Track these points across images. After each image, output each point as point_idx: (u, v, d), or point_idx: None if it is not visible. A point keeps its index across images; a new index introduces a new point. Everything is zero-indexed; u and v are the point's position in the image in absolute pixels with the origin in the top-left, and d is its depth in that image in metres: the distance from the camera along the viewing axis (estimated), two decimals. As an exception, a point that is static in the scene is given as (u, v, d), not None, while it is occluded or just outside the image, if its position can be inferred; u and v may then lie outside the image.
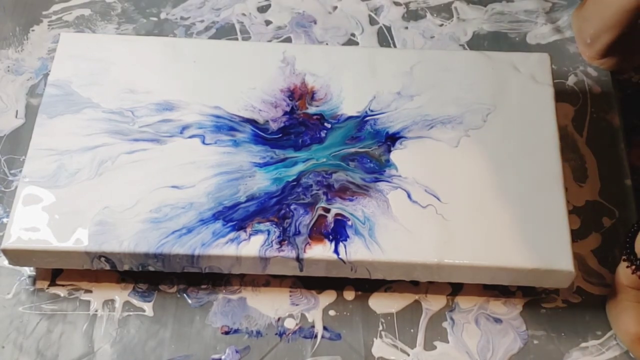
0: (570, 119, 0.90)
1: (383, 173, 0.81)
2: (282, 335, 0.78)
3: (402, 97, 0.86)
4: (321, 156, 0.82)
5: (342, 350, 0.77)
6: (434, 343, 0.78)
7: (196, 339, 0.77)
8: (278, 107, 0.85)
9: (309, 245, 0.76)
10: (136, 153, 0.81)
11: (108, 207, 0.77)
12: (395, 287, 0.80)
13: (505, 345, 0.78)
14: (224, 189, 0.79)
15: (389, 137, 0.83)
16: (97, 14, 1.00)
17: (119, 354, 0.76)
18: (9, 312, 0.78)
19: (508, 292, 0.81)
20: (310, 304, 0.79)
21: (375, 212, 0.78)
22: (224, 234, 0.76)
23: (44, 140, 0.81)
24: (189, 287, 0.80)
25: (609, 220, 0.85)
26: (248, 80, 0.87)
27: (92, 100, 0.84)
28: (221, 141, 0.82)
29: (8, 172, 0.87)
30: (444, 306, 0.80)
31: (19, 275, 0.81)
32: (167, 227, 0.76)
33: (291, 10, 1.01)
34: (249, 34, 0.99)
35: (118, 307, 0.79)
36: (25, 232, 0.76)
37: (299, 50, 0.90)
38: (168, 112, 0.84)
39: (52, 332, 0.77)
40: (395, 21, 1.01)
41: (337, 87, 0.87)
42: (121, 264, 0.77)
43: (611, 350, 0.78)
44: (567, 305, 0.81)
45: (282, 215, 0.78)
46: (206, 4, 1.01)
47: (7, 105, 0.91)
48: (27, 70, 0.94)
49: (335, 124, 0.84)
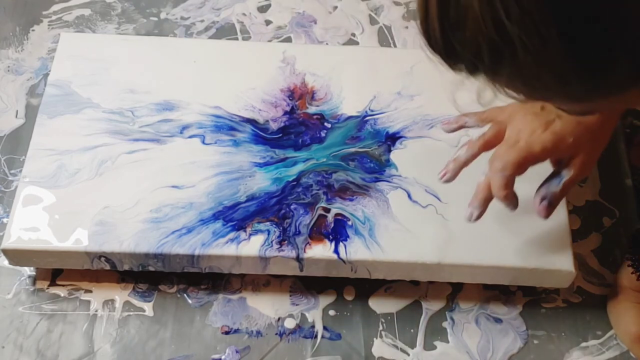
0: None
1: (383, 173, 0.81)
2: (282, 335, 0.78)
3: (402, 97, 0.86)
4: (321, 156, 0.82)
5: (342, 350, 0.77)
6: (434, 343, 0.78)
7: (196, 339, 0.77)
8: (278, 107, 0.85)
9: (309, 245, 0.76)
10: (136, 153, 0.81)
11: (108, 207, 0.77)
12: (395, 287, 0.80)
13: (505, 345, 0.78)
14: (224, 188, 0.79)
15: (389, 137, 0.83)
16: (97, 14, 1.00)
17: (119, 354, 0.76)
18: (9, 312, 0.78)
19: (508, 292, 0.81)
20: (310, 304, 0.79)
21: (375, 212, 0.78)
22: (224, 233, 0.76)
23: (44, 140, 0.81)
24: (189, 287, 0.80)
25: (609, 220, 0.85)
26: (248, 80, 0.87)
27: (92, 100, 0.84)
28: (221, 141, 0.82)
29: (8, 172, 0.87)
30: (444, 306, 0.80)
31: (19, 275, 0.81)
32: (167, 227, 0.76)
33: (291, 10, 1.01)
34: (249, 34, 0.99)
35: (118, 307, 0.79)
36: (25, 232, 0.76)
37: (299, 50, 0.90)
38: (168, 112, 0.84)
39: (52, 332, 0.77)
40: (395, 21, 1.01)
41: (337, 87, 0.87)
42: (121, 264, 0.77)
43: (611, 350, 0.78)
44: (567, 305, 0.81)
45: (282, 215, 0.77)
46: (206, 4, 1.01)
47: (7, 105, 0.91)
48: (27, 70, 0.94)
49: (335, 124, 0.84)
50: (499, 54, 0.44)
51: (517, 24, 0.42)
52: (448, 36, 0.46)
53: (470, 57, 0.46)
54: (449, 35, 0.46)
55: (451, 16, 0.45)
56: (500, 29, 0.43)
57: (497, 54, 0.44)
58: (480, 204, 0.71)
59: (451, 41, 0.46)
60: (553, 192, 0.69)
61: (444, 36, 0.47)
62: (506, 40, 0.43)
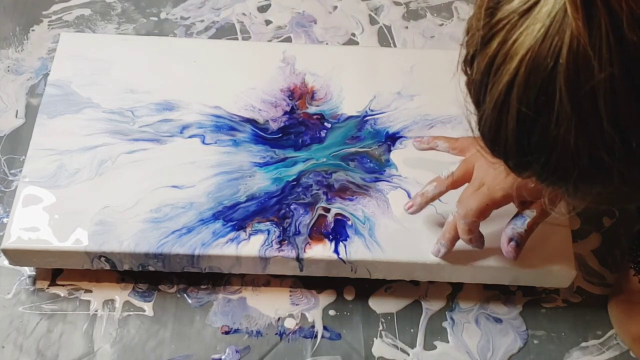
0: None
1: (383, 173, 0.81)
2: (282, 335, 0.78)
3: (402, 96, 0.86)
4: (321, 156, 0.82)
5: (342, 350, 0.77)
6: (434, 343, 0.78)
7: (196, 339, 0.77)
8: (278, 106, 0.85)
9: (309, 245, 0.76)
10: (136, 153, 0.81)
11: (108, 207, 0.77)
12: (395, 287, 0.80)
13: (505, 345, 0.78)
14: (224, 188, 0.79)
15: (389, 137, 0.83)
16: (97, 14, 1.00)
17: (119, 354, 0.76)
18: (9, 312, 0.78)
19: (508, 292, 0.81)
20: (310, 304, 0.79)
21: (375, 212, 0.78)
22: (224, 233, 0.76)
23: (44, 140, 0.81)
24: (189, 287, 0.80)
25: (609, 220, 0.85)
26: (248, 80, 0.87)
27: (92, 100, 0.84)
28: (221, 141, 0.82)
29: (8, 172, 0.87)
30: (444, 306, 0.80)
31: (19, 275, 0.80)
32: (167, 227, 0.76)
33: (291, 10, 1.01)
34: (249, 34, 0.99)
35: (118, 307, 0.79)
36: (25, 232, 0.76)
37: (299, 50, 0.90)
38: (168, 112, 0.84)
39: (52, 332, 0.77)
40: (395, 21, 1.00)
41: (337, 86, 0.87)
42: (121, 264, 0.77)
43: (611, 349, 0.78)
44: (567, 305, 0.81)
45: (282, 215, 0.77)
46: (206, 4, 1.01)
47: (7, 105, 0.91)
48: (27, 70, 0.94)
49: (335, 124, 0.84)
50: (590, 180, 0.44)
51: (619, 161, 0.42)
52: (525, 155, 0.45)
53: (551, 178, 0.45)
54: (526, 155, 0.45)
55: (532, 141, 0.44)
56: (598, 163, 0.42)
57: (588, 179, 0.44)
58: (447, 243, 0.73)
59: (529, 160, 0.45)
60: (519, 232, 0.70)
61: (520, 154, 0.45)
62: (601, 171, 0.42)
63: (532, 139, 0.44)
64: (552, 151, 0.43)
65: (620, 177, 0.43)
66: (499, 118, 0.45)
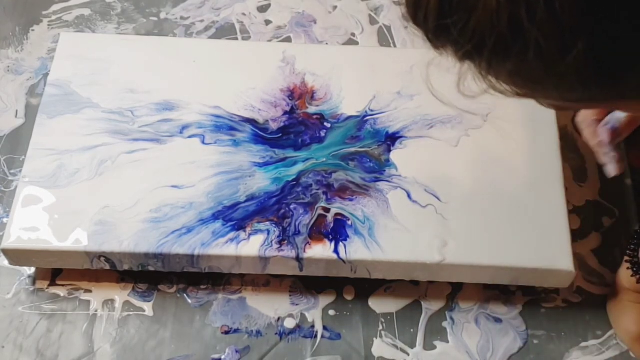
0: (571, 119, 0.90)
1: (383, 173, 0.81)
2: (282, 335, 0.78)
3: (402, 96, 0.86)
4: (321, 156, 0.82)
5: (342, 350, 0.77)
6: (434, 343, 0.78)
7: (196, 339, 0.77)
8: (278, 106, 0.85)
9: (309, 245, 0.76)
10: (136, 153, 0.81)
11: (108, 207, 0.77)
12: (395, 287, 0.80)
13: (505, 345, 0.78)
14: (224, 188, 0.79)
15: (389, 137, 0.83)
16: (97, 14, 1.00)
17: (119, 354, 0.76)
18: (9, 312, 0.78)
19: (508, 292, 0.81)
20: (310, 304, 0.79)
21: (375, 211, 0.78)
22: (224, 233, 0.76)
23: (44, 140, 0.81)
24: (189, 287, 0.80)
25: (609, 220, 0.85)
26: (248, 80, 0.87)
27: (92, 100, 0.84)
28: (221, 141, 0.82)
29: (8, 172, 0.87)
30: (444, 306, 0.80)
31: (19, 275, 0.81)
32: (167, 227, 0.76)
33: (291, 10, 1.01)
34: (249, 34, 0.99)
35: (118, 307, 0.79)
36: (25, 232, 0.76)
37: (299, 50, 0.90)
38: (168, 112, 0.84)
39: (52, 332, 0.77)
40: (395, 21, 1.00)
41: (337, 86, 0.87)
42: (121, 264, 0.77)
43: (611, 349, 0.78)
44: (567, 305, 0.81)
45: (282, 215, 0.77)
46: (206, 4, 1.01)
47: (7, 105, 0.91)
48: (27, 70, 0.94)
49: (335, 124, 0.84)
50: (505, 51, 0.41)
51: (539, 27, 0.39)
52: (445, 18, 0.42)
53: (467, 46, 0.42)
54: (446, 17, 0.42)
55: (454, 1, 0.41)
56: (516, 27, 0.40)
57: (504, 50, 0.41)
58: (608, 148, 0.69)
59: (447, 25, 0.42)
60: (617, 118, 0.67)
61: (440, 17, 0.42)
62: (518, 40, 0.40)
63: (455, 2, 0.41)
64: (473, 11, 0.41)
65: (537, 47, 0.40)
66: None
